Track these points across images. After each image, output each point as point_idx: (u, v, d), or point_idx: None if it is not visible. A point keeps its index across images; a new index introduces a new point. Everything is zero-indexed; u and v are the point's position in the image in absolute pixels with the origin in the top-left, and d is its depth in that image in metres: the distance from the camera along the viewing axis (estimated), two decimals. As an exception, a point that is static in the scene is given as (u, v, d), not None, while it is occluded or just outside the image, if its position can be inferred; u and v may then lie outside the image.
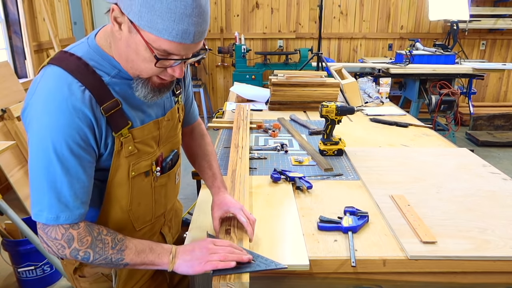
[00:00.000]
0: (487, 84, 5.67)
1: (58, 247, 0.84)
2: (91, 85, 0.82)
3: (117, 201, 0.94)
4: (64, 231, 0.83)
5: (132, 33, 0.77)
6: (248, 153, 1.56)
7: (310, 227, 1.12)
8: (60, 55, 0.85)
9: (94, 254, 0.85)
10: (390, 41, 5.49)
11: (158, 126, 0.98)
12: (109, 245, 0.85)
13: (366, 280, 1.01)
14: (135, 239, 0.89)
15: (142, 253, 0.87)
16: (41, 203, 0.81)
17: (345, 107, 1.63)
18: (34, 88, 0.82)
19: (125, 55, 0.82)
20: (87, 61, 0.84)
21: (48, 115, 0.78)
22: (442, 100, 3.76)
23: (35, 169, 0.81)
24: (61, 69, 0.81)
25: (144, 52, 0.78)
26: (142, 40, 0.76)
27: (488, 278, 1.02)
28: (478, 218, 1.16)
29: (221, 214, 1.04)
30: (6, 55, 3.62)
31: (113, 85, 0.86)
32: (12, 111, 3.07)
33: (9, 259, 2.19)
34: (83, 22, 4.97)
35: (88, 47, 0.86)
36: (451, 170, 1.52)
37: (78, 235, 0.84)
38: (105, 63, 0.86)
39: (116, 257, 0.86)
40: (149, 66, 0.80)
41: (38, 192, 0.81)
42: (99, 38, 0.87)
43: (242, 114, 2.09)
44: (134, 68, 0.83)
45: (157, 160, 0.99)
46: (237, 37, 4.96)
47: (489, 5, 5.27)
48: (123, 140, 0.88)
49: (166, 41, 0.75)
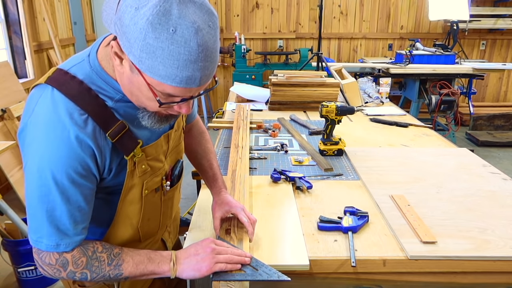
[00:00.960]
0: (487, 84, 5.67)
1: (54, 271, 0.82)
2: (94, 112, 0.78)
3: (128, 219, 0.93)
4: (58, 256, 0.81)
5: (134, 73, 0.72)
6: (248, 153, 1.56)
7: (310, 227, 1.12)
8: (59, 77, 0.79)
9: (91, 274, 0.83)
10: (390, 41, 5.49)
11: (168, 139, 0.96)
12: (105, 262, 0.83)
13: (366, 280, 1.01)
14: (132, 251, 0.86)
15: (141, 264, 0.85)
16: (40, 230, 0.79)
17: (345, 107, 1.63)
18: (31, 109, 0.78)
19: (128, 89, 0.78)
20: (89, 85, 0.79)
21: (47, 144, 0.75)
22: (442, 100, 3.76)
23: (33, 196, 0.78)
24: (62, 94, 0.76)
25: (147, 92, 0.73)
26: (145, 82, 0.71)
27: (488, 278, 1.02)
28: (478, 218, 1.16)
29: (222, 214, 1.04)
30: (6, 55, 3.62)
31: (117, 109, 0.82)
32: (12, 111, 3.07)
33: (9, 259, 2.19)
34: (83, 22, 4.97)
35: (89, 69, 0.81)
36: (451, 170, 1.52)
37: (72, 257, 0.81)
38: (109, 87, 0.81)
39: (115, 273, 0.84)
40: (153, 104, 0.76)
41: (37, 219, 0.79)
42: (101, 57, 0.81)
43: (242, 114, 2.09)
44: (139, 102, 0.79)
45: (167, 175, 0.98)
46: (237, 37, 4.96)
47: (489, 5, 5.27)
48: (137, 160, 0.86)
49: (169, 86, 0.70)
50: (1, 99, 3.09)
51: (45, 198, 0.77)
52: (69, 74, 0.79)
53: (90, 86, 0.79)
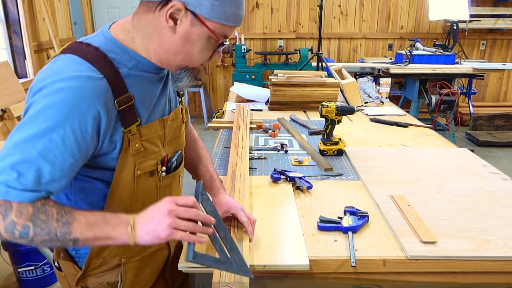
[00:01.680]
0: (487, 84, 5.67)
1: None
2: (109, 76, 0.81)
3: (121, 201, 0.91)
4: (2, 202, 0.73)
5: (196, 26, 0.82)
6: (248, 153, 1.56)
7: (310, 227, 1.12)
8: (75, 45, 0.83)
9: (35, 228, 0.74)
10: (390, 41, 5.49)
11: (163, 125, 0.97)
12: (53, 217, 0.75)
13: (366, 280, 1.01)
14: (87, 211, 0.79)
15: (95, 225, 0.76)
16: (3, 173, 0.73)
17: (345, 107, 1.63)
18: (46, 68, 0.80)
19: (175, 49, 0.84)
20: (105, 52, 0.83)
21: (58, 93, 0.74)
22: (442, 100, 3.76)
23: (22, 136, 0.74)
24: (79, 57, 0.80)
25: (204, 42, 0.84)
26: (207, 30, 0.82)
27: (488, 278, 1.02)
28: (478, 218, 1.16)
29: (221, 214, 1.04)
30: (6, 55, 3.63)
31: (129, 78, 0.85)
32: (12, 111, 3.07)
33: (9, 259, 2.19)
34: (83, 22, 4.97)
35: (104, 39, 0.86)
36: (451, 170, 1.52)
37: (19, 205, 0.74)
38: (123, 54, 0.86)
39: (63, 232, 0.75)
40: (204, 54, 0.87)
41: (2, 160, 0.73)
42: (115, 33, 0.87)
43: (242, 114, 2.09)
44: (184, 59, 0.87)
45: (163, 160, 0.97)
46: (237, 37, 4.96)
47: (489, 5, 5.27)
48: (131, 137, 0.87)
49: (228, 27, 0.85)
50: (1, 99, 3.09)
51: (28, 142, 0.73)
52: (84, 43, 0.84)
53: (106, 53, 0.83)
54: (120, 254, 0.98)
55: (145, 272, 1.05)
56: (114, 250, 0.97)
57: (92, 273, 0.99)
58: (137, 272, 1.02)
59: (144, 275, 1.05)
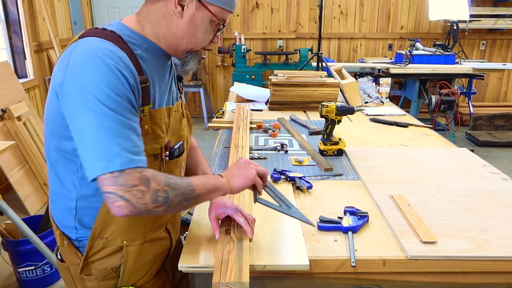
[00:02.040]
0: (487, 84, 5.67)
1: (137, 196, 0.78)
2: (129, 55, 0.88)
3: None
4: (139, 174, 0.79)
5: (200, 10, 0.92)
6: (248, 153, 1.56)
7: (310, 227, 1.12)
8: (92, 30, 0.90)
9: (172, 191, 0.83)
10: (390, 41, 5.49)
11: (168, 114, 1.02)
12: (178, 180, 0.87)
13: (366, 280, 1.01)
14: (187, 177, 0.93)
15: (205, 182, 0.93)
16: (109, 153, 0.77)
17: (345, 107, 1.63)
18: (70, 52, 0.85)
19: (181, 33, 0.94)
20: (120, 35, 0.90)
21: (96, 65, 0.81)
22: (442, 100, 3.76)
23: (90, 122, 0.78)
24: (100, 38, 0.86)
25: (207, 25, 0.94)
26: (210, 13, 0.93)
27: (488, 278, 1.02)
28: (478, 218, 1.16)
29: (217, 215, 1.05)
30: (6, 55, 3.62)
31: (142, 60, 0.92)
32: (12, 111, 3.07)
33: (9, 259, 2.19)
34: (83, 22, 4.97)
35: (117, 26, 0.93)
36: (451, 170, 1.52)
37: (151, 175, 0.81)
38: (136, 37, 0.93)
39: (189, 189, 0.87)
40: (206, 36, 0.97)
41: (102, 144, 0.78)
42: (125, 23, 0.95)
43: (242, 114, 2.09)
44: (190, 42, 0.96)
45: (166, 146, 1.01)
46: (237, 37, 4.95)
47: (489, 5, 5.27)
48: (143, 117, 0.92)
49: (226, 11, 0.95)
50: (1, 99, 3.09)
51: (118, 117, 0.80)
52: (99, 28, 0.91)
53: (122, 35, 0.90)
54: (122, 235, 0.98)
55: (146, 258, 1.05)
56: (116, 231, 0.97)
57: (95, 258, 0.99)
58: (138, 256, 1.03)
59: (145, 261, 1.05)
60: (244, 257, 0.92)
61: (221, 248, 0.95)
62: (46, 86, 4.02)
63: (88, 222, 0.96)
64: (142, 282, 1.05)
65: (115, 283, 1.01)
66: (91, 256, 0.99)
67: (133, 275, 1.02)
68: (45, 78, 4.01)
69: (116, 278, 1.01)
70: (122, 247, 1.00)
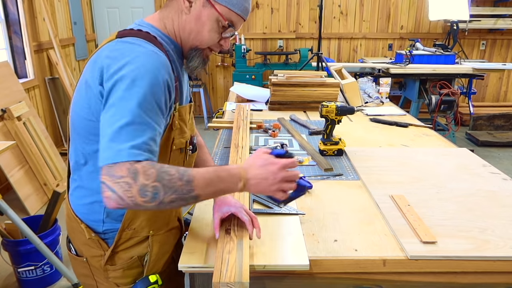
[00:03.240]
0: (487, 84, 5.67)
1: (124, 188, 0.77)
2: (166, 56, 0.92)
3: None
4: (129, 166, 0.78)
5: (206, 7, 0.94)
6: (248, 153, 1.56)
7: (310, 227, 1.12)
8: (128, 32, 0.93)
9: (164, 188, 0.79)
10: (390, 41, 5.49)
11: (190, 110, 1.08)
12: (175, 176, 0.81)
13: (366, 280, 1.01)
14: (197, 169, 0.86)
15: (211, 183, 0.85)
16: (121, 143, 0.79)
17: (345, 107, 1.63)
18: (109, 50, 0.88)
19: (189, 28, 0.97)
20: (156, 36, 0.95)
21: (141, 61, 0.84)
22: (442, 100, 3.76)
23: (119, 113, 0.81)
24: (139, 38, 0.90)
25: (213, 23, 0.95)
26: (216, 12, 0.94)
27: (488, 278, 1.02)
28: (478, 218, 1.16)
29: (222, 214, 1.05)
30: (6, 55, 3.62)
31: (172, 59, 0.97)
32: (12, 111, 3.07)
33: (9, 259, 2.19)
34: (83, 22, 4.97)
35: (147, 26, 0.97)
36: (451, 170, 1.52)
37: (142, 168, 0.78)
38: (166, 39, 0.98)
39: (186, 189, 0.82)
40: (212, 35, 0.97)
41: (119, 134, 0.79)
42: (151, 22, 0.98)
43: (242, 114, 2.09)
44: (195, 39, 0.98)
45: (188, 140, 1.07)
46: (237, 37, 4.96)
47: (489, 5, 5.27)
48: (174, 114, 0.97)
49: (235, 14, 0.96)
50: (1, 99, 3.09)
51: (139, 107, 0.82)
52: (134, 30, 0.94)
53: (156, 36, 0.95)
54: (149, 225, 1.03)
55: (167, 247, 1.10)
56: (143, 222, 1.01)
57: (122, 248, 1.02)
58: (161, 245, 1.07)
59: (166, 250, 1.10)
60: (244, 257, 0.92)
61: (221, 248, 0.95)
62: (46, 86, 4.02)
63: (116, 214, 0.99)
64: (162, 270, 1.09)
65: (139, 271, 1.05)
66: (119, 246, 1.02)
67: (156, 264, 1.07)
68: (45, 78, 4.01)
69: (139, 267, 1.05)
70: (147, 237, 1.04)
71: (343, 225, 1.13)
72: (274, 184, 0.90)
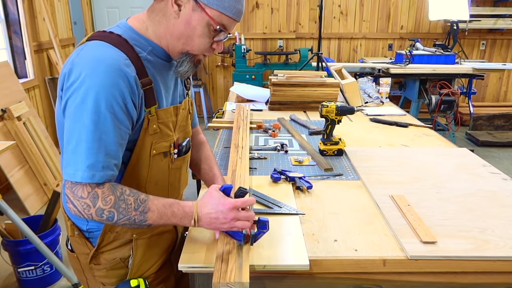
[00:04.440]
0: (487, 84, 5.66)
1: (83, 207, 0.86)
2: (133, 59, 0.90)
3: (135, 178, 0.99)
4: (90, 189, 0.85)
5: (196, 12, 0.90)
6: (248, 153, 1.56)
7: (310, 227, 1.12)
8: (99, 33, 0.93)
9: (118, 215, 0.87)
10: (390, 41, 5.48)
11: (176, 112, 1.05)
12: (131, 206, 0.88)
13: (366, 280, 1.01)
14: (157, 200, 0.91)
15: (164, 216, 0.90)
16: (78, 163, 0.84)
17: (345, 107, 1.63)
18: (76, 54, 0.88)
19: (178, 33, 0.93)
20: (126, 38, 0.92)
21: (94, 76, 0.84)
22: (442, 100, 3.76)
23: (81, 126, 0.84)
24: (105, 42, 0.89)
25: (203, 28, 0.92)
26: (206, 16, 0.90)
27: (488, 278, 1.02)
28: (478, 218, 1.16)
29: None
30: (6, 55, 3.62)
31: (147, 62, 0.94)
32: (12, 111, 3.07)
33: (9, 259, 2.19)
34: (83, 22, 4.97)
35: (124, 29, 0.95)
36: (451, 170, 1.52)
37: (102, 194, 0.86)
38: (141, 40, 0.95)
39: (140, 219, 0.89)
40: (203, 40, 0.94)
41: (76, 152, 0.84)
42: (131, 23, 0.97)
43: (242, 114, 2.09)
44: (186, 44, 0.94)
45: (175, 143, 1.05)
46: (237, 37, 4.96)
47: (489, 5, 5.27)
48: (150, 118, 0.95)
49: (226, 17, 0.92)
50: (1, 99, 3.09)
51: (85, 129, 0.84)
52: (107, 31, 0.94)
53: (127, 39, 0.92)
54: (131, 230, 1.04)
55: (154, 251, 1.10)
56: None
57: (105, 249, 1.04)
58: (147, 249, 1.08)
59: (153, 253, 1.10)
60: (244, 257, 0.92)
61: (221, 248, 0.95)
62: (46, 86, 4.02)
63: None
64: (149, 273, 1.10)
65: (123, 272, 1.06)
66: (102, 248, 1.04)
67: (141, 267, 1.07)
68: (45, 78, 4.01)
69: (124, 268, 1.06)
70: (131, 240, 1.05)
71: (343, 225, 1.13)
72: (225, 223, 0.92)
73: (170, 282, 1.18)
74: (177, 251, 1.19)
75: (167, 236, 1.15)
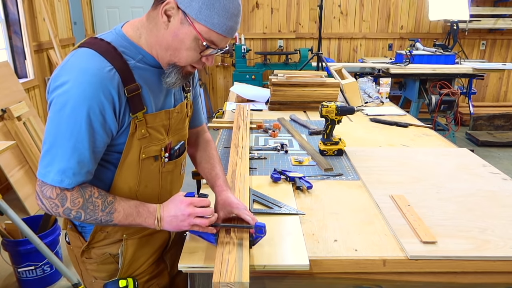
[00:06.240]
0: (487, 84, 5.67)
1: (52, 205, 0.91)
2: (119, 66, 0.91)
3: (126, 181, 1.00)
4: (59, 191, 0.90)
5: (184, 25, 0.89)
6: (248, 153, 1.56)
7: (310, 227, 1.12)
8: (91, 40, 0.94)
9: (85, 215, 0.92)
10: (390, 41, 5.49)
11: (169, 116, 1.05)
12: (99, 208, 0.93)
13: (366, 280, 1.01)
14: (124, 201, 0.96)
15: (130, 216, 0.95)
16: (51, 165, 0.88)
17: (345, 107, 1.63)
18: (66, 60, 0.91)
19: (166, 44, 0.92)
20: (115, 46, 0.93)
21: (76, 86, 0.86)
22: (442, 100, 3.76)
23: (51, 133, 0.88)
24: (93, 50, 0.90)
25: (191, 42, 0.90)
26: (194, 31, 0.88)
27: (488, 278, 1.02)
28: (478, 218, 1.16)
29: (224, 215, 1.05)
30: (6, 55, 3.62)
31: (136, 69, 0.95)
32: (12, 111, 3.07)
33: (9, 259, 2.19)
34: (83, 22, 4.97)
35: (116, 35, 0.96)
36: (451, 170, 1.52)
37: (71, 196, 0.91)
38: (132, 48, 0.95)
39: (106, 219, 0.94)
40: (190, 54, 0.92)
41: (51, 153, 0.88)
42: (126, 30, 0.97)
43: (242, 114, 2.09)
44: (173, 56, 0.94)
45: (166, 147, 1.06)
46: (237, 37, 4.96)
47: (489, 5, 5.27)
48: (138, 123, 0.96)
49: (216, 34, 0.90)
50: (1, 99, 3.09)
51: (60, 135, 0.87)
52: (98, 38, 0.95)
53: (116, 46, 0.93)
54: (122, 230, 1.06)
55: (145, 250, 1.12)
56: (117, 226, 1.04)
57: (96, 246, 1.07)
58: (137, 248, 1.10)
59: (144, 253, 1.12)
60: (244, 257, 0.92)
61: (221, 248, 0.95)
62: (46, 86, 4.02)
63: None
64: (141, 271, 1.12)
65: (113, 267, 1.09)
66: (93, 244, 1.07)
67: (132, 265, 1.09)
68: (45, 78, 4.01)
69: (114, 263, 1.09)
70: (122, 239, 1.07)
71: (343, 225, 1.13)
72: (184, 220, 0.94)
73: (163, 278, 1.19)
74: (170, 249, 1.21)
75: (159, 235, 1.16)
